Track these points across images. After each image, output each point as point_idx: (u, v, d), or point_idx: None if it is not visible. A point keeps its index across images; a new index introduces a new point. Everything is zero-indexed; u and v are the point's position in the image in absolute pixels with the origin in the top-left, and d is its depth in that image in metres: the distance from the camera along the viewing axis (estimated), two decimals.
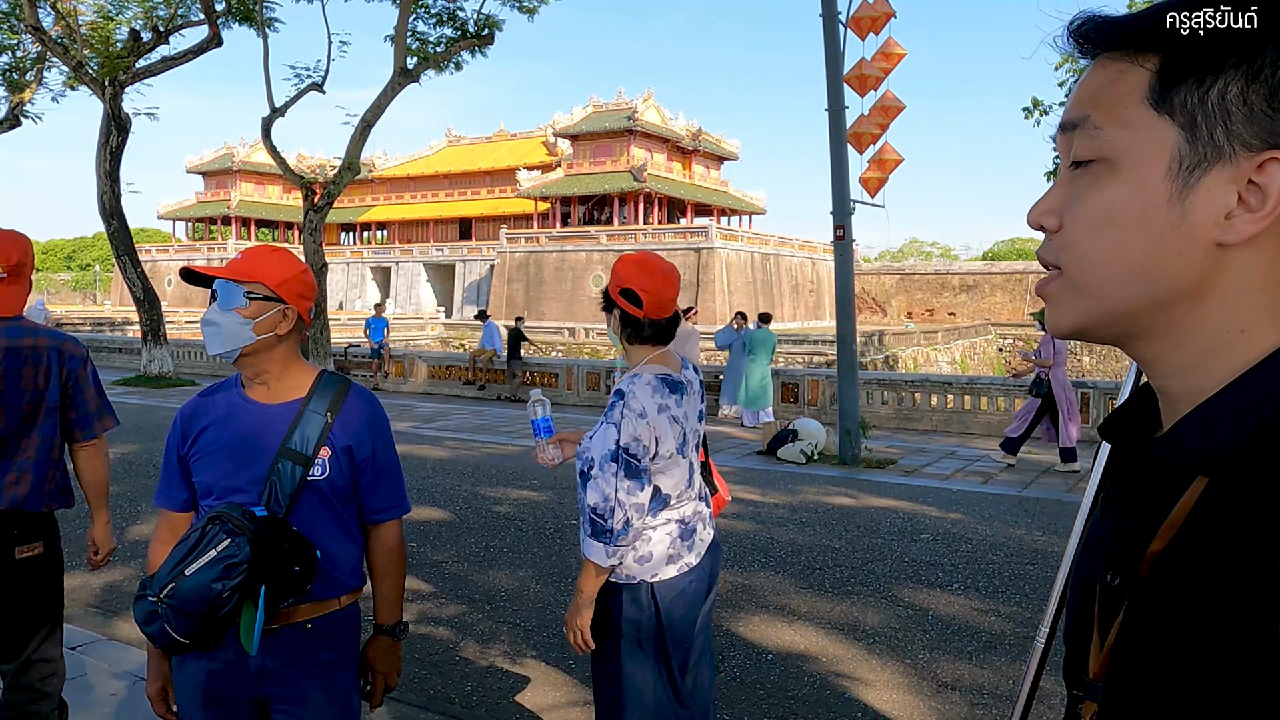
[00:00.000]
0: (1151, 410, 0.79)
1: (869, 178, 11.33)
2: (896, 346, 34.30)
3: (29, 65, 21.49)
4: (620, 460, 2.42)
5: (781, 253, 52.14)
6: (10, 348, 2.73)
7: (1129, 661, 0.67)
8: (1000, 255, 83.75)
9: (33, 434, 2.79)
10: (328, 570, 2.11)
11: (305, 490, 2.07)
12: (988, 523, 7.60)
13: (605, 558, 2.44)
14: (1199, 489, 0.65)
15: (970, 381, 14.98)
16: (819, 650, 4.72)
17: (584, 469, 2.52)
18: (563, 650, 4.65)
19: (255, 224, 69.04)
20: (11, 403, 2.73)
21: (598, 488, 2.44)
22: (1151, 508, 0.69)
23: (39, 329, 2.83)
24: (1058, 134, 0.73)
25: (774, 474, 9.97)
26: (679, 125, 55.99)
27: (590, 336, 39.99)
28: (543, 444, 2.78)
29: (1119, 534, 0.72)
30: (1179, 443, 0.67)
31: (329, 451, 2.11)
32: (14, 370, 2.73)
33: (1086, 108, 0.69)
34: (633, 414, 2.45)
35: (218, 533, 1.92)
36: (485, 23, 18.90)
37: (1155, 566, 0.66)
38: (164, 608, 1.91)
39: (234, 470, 2.06)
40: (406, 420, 14.39)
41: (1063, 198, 0.71)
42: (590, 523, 2.45)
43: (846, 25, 10.81)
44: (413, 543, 6.59)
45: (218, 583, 1.88)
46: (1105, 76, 0.69)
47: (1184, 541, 0.65)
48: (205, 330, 2.06)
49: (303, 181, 18.28)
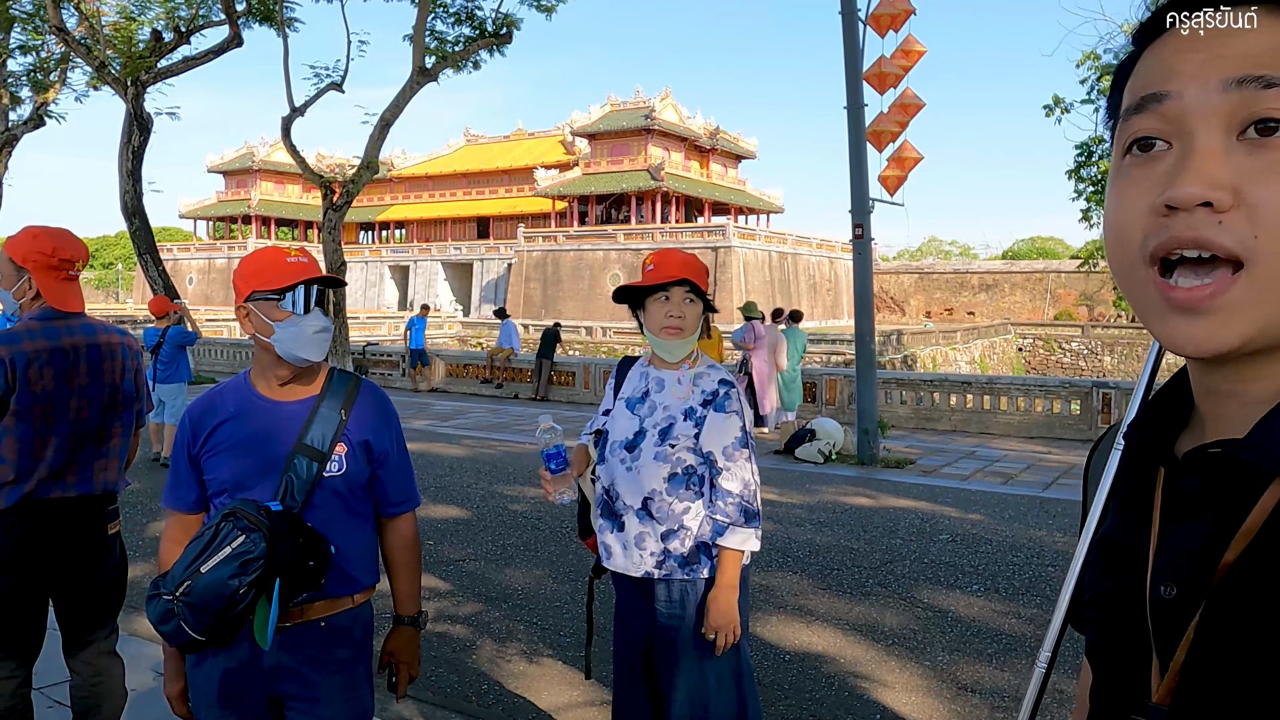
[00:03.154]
0: (1171, 416, 0.74)
1: (888, 176, 11.26)
2: (915, 346, 34.12)
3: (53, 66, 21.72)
4: (749, 444, 2.58)
5: (799, 251, 51.98)
6: (90, 344, 2.92)
7: (1206, 681, 0.62)
8: (1020, 254, 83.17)
9: (114, 423, 3.01)
10: (342, 567, 2.11)
11: (320, 487, 2.08)
12: (1008, 524, 7.53)
13: (757, 541, 2.56)
14: (1277, 493, 0.61)
15: (990, 381, 14.88)
16: (837, 651, 4.69)
17: (690, 466, 2.56)
18: (579, 650, 4.65)
19: (275, 223, 69.53)
20: (95, 396, 2.93)
21: (736, 475, 2.54)
22: (1219, 515, 0.64)
23: (108, 326, 3.05)
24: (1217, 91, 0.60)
25: (792, 474, 9.93)
26: (696, 124, 55.92)
27: (608, 335, 40.03)
28: (556, 479, 2.62)
29: (1174, 544, 0.67)
30: (1259, 444, 0.62)
31: (344, 448, 2.13)
32: (97, 365, 2.93)
33: (1274, 65, 0.59)
34: (744, 402, 2.61)
35: (232, 529, 1.92)
36: (503, 21, 18.93)
37: (1229, 577, 0.61)
38: (180, 605, 1.91)
39: (249, 467, 2.07)
40: (424, 418, 14.45)
41: (1235, 170, 0.59)
42: (741, 511, 2.52)
43: (866, 23, 10.75)
44: (430, 540, 6.61)
45: (234, 579, 1.88)
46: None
47: (1263, 549, 0.60)
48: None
49: (322, 180, 18.38)
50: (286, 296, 2.03)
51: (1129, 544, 0.73)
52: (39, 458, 2.81)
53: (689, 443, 2.55)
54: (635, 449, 2.61)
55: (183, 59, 18.92)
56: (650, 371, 2.71)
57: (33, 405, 2.78)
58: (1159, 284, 0.63)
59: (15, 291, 2.88)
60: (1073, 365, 44.02)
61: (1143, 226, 0.63)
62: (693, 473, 2.56)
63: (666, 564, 2.58)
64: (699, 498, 2.57)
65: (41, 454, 2.81)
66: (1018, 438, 13.52)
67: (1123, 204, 0.66)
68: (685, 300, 2.59)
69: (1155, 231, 0.62)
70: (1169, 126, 0.63)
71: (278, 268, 2.05)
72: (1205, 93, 0.61)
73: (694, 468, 2.56)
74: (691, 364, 2.65)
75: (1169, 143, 0.63)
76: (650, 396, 2.66)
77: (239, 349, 24.18)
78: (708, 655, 2.55)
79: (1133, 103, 0.66)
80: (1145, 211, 0.63)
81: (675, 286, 2.59)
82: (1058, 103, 16.99)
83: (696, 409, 2.56)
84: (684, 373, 2.63)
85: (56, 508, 2.88)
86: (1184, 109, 0.62)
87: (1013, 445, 12.70)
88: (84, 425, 2.90)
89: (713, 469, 2.55)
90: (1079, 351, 44.44)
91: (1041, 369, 44.58)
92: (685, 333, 2.60)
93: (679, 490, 2.55)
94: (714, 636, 2.50)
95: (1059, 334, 46.16)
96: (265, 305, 2.04)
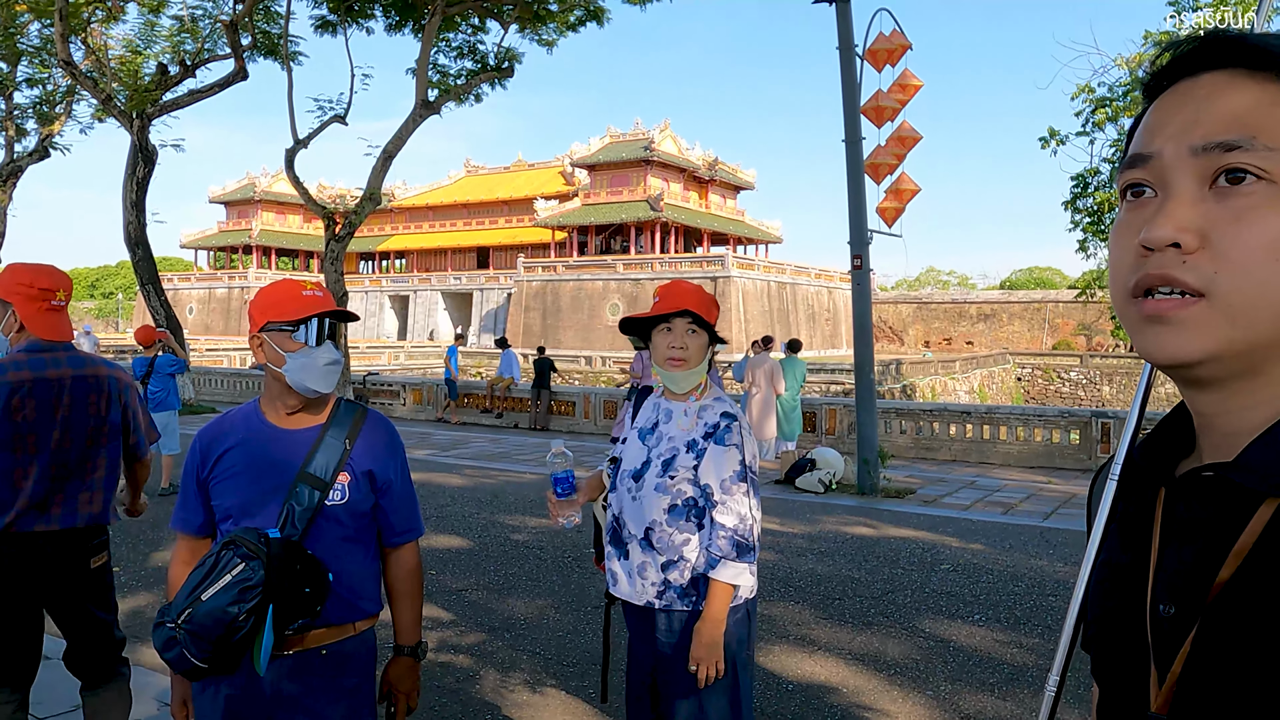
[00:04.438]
0: (1173, 442, 0.79)
1: (886, 208, 11.37)
2: (914, 375, 34.17)
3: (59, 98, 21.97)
4: (749, 479, 2.56)
5: (798, 281, 52.19)
6: (77, 376, 2.96)
7: (1199, 693, 0.66)
8: (1018, 284, 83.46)
9: (100, 455, 3.03)
10: (344, 595, 2.13)
11: (322, 515, 2.12)
12: (1008, 553, 7.54)
13: (750, 576, 2.54)
14: (1268, 513, 0.65)
15: (989, 411, 14.91)
16: (840, 681, 4.70)
17: (691, 499, 2.56)
18: (583, 679, 4.65)
19: (276, 253, 69.84)
20: (80, 427, 2.95)
21: (731, 509, 2.52)
22: (1212, 535, 0.68)
23: (95, 359, 3.08)
24: (1188, 154, 0.68)
25: (793, 503, 9.94)
26: (695, 155, 56.37)
27: (607, 365, 40.07)
28: (564, 503, 2.72)
29: (1170, 564, 0.71)
30: (1249, 465, 0.66)
31: (348, 477, 2.16)
32: (82, 397, 2.96)
33: (1247, 129, 0.66)
34: (747, 434, 2.60)
35: (232, 557, 1.95)
36: (505, 56, 19.20)
37: (1223, 595, 0.65)
38: (181, 633, 1.94)
39: (254, 493, 2.10)
40: (425, 448, 14.45)
41: (1202, 216, 0.67)
42: (734, 545, 2.50)
43: (863, 58, 10.92)
44: (432, 570, 6.61)
45: (234, 606, 1.91)
46: (1259, 97, 0.67)
47: (1255, 567, 0.64)
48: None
49: (325, 211, 18.52)
50: (300, 328, 2.08)
51: (1129, 564, 0.77)
52: (18, 488, 2.83)
53: (689, 474, 2.56)
54: (641, 479, 2.63)
55: (188, 92, 19.15)
56: (661, 402, 2.74)
57: (13, 434, 2.81)
58: (1140, 305, 0.70)
59: (4, 326, 2.92)
60: (1071, 395, 44.06)
61: (1129, 264, 0.71)
62: (693, 504, 2.57)
63: (667, 594, 2.59)
64: (699, 530, 2.57)
65: (21, 484, 2.83)
66: (1018, 467, 13.53)
67: (1117, 244, 0.73)
68: (688, 331, 2.61)
69: (1136, 268, 0.70)
70: (1154, 177, 0.71)
71: (294, 300, 2.11)
72: (1179, 154, 0.69)
73: (694, 499, 2.57)
74: (699, 396, 2.66)
75: (1155, 191, 0.71)
76: (659, 427, 2.68)
77: (239, 378, 24.20)
78: (707, 687, 2.55)
79: (1126, 158, 0.74)
80: (1131, 250, 0.71)
81: (678, 318, 2.62)
82: (1053, 135, 17.17)
83: (698, 441, 2.57)
84: (690, 404, 2.65)
85: (40, 540, 2.89)
86: (1164, 165, 0.70)
87: (1013, 475, 12.71)
88: (66, 456, 2.92)
89: (709, 502, 2.55)
90: (1078, 381, 44.51)
91: (1040, 398, 44.61)
92: (689, 364, 2.61)
93: (679, 522, 2.56)
94: (696, 669, 2.49)
95: (1057, 364, 46.24)
96: (279, 336, 2.08)
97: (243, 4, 17.47)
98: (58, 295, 2.94)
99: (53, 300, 2.93)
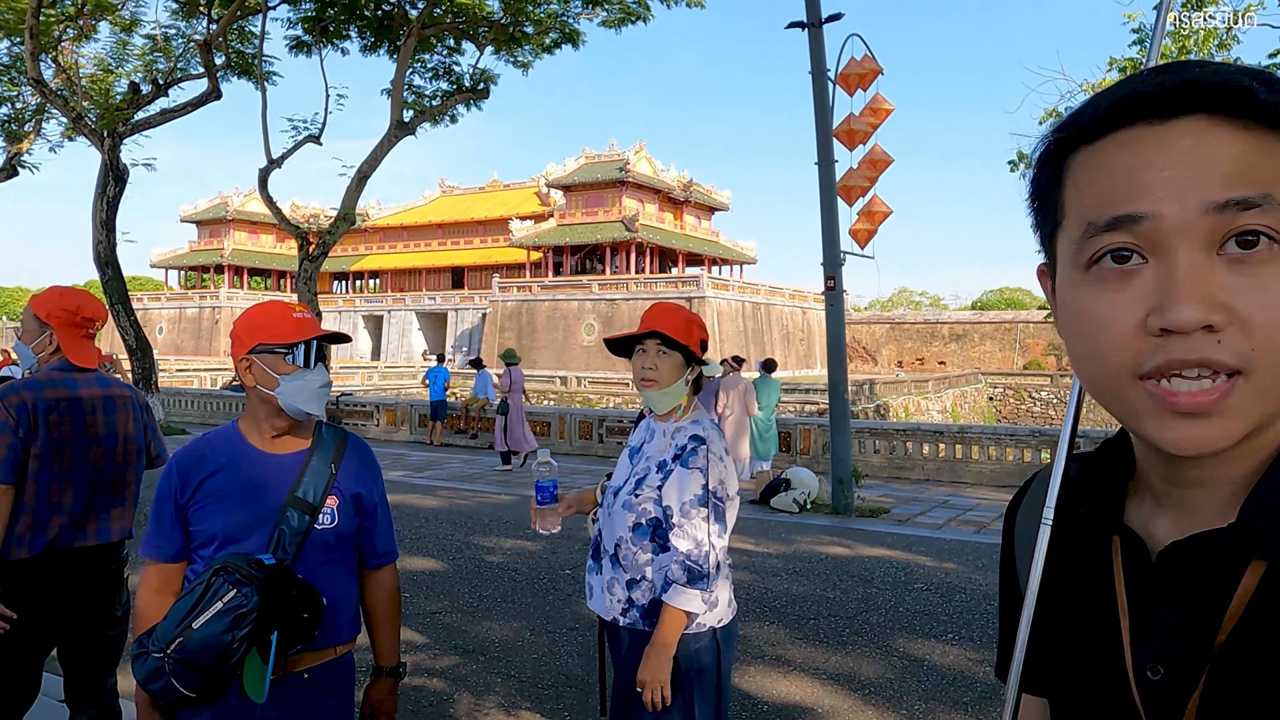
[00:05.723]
0: (1113, 481, 0.76)
1: (858, 229, 11.50)
2: (888, 395, 34.41)
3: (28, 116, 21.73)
4: (710, 504, 2.51)
5: (773, 302, 52.48)
6: (106, 396, 3.09)
7: None
8: (989, 305, 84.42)
9: (128, 472, 3.15)
10: (329, 619, 2.13)
11: (311, 539, 2.11)
12: (981, 572, 7.60)
13: (701, 604, 2.48)
14: (1257, 573, 0.63)
15: (961, 430, 15.05)
16: (815, 701, 4.70)
17: (655, 518, 2.54)
18: (558, 702, 4.63)
19: (248, 273, 69.24)
20: (110, 445, 3.07)
21: (687, 534, 2.48)
22: (1197, 597, 0.66)
23: (117, 380, 3.20)
24: (1196, 214, 0.60)
25: (767, 523, 9.96)
26: (670, 176, 56.69)
27: (582, 385, 40.01)
28: (545, 511, 2.75)
29: (1154, 626, 0.69)
30: (1241, 530, 0.65)
31: (336, 500, 2.16)
32: (111, 416, 3.08)
33: (1259, 185, 0.59)
34: (715, 458, 2.55)
35: (223, 584, 1.92)
36: (480, 77, 19.23)
37: (1221, 657, 0.64)
38: (171, 663, 1.90)
39: (241, 519, 2.07)
40: (399, 469, 14.34)
41: (1222, 288, 0.60)
42: (685, 570, 2.46)
43: (835, 82, 11.07)
44: (406, 593, 6.55)
45: (227, 634, 1.89)
46: (1252, 147, 0.60)
47: (1250, 630, 0.63)
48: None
49: (298, 232, 18.42)
50: (293, 351, 2.08)
51: (1093, 622, 0.74)
52: (56, 503, 2.92)
53: (653, 494, 2.55)
54: (618, 495, 2.66)
55: (160, 111, 19.00)
56: (650, 423, 2.76)
57: (52, 451, 2.90)
58: (1159, 393, 0.62)
59: (35, 345, 3.05)
60: (1042, 414, 44.53)
61: (1133, 346, 0.63)
62: (656, 524, 2.55)
63: (630, 612, 2.58)
64: (662, 551, 2.56)
65: (59, 500, 2.92)
66: (990, 486, 13.65)
67: (1102, 321, 0.65)
68: (658, 352, 2.63)
69: (1152, 353, 0.62)
70: (1145, 243, 0.62)
71: (286, 322, 2.11)
72: (1185, 213, 0.61)
73: (657, 519, 2.56)
74: (679, 417, 2.67)
75: (1145, 257, 0.63)
76: (644, 446, 2.70)
77: (209, 399, 23.93)
78: (659, 712, 2.52)
79: (1101, 221, 0.64)
80: (1134, 331, 0.63)
81: (648, 339, 2.64)
82: (1022, 158, 17.42)
83: (667, 462, 2.57)
84: (669, 425, 2.66)
85: (78, 556, 3.00)
86: (1164, 229, 0.61)
87: (985, 494, 12.81)
88: (100, 474, 3.03)
89: (669, 524, 2.53)
90: (1048, 400, 45.01)
91: (1012, 418, 45.05)
92: (660, 384, 2.61)
93: (642, 540, 2.56)
94: (640, 690, 2.47)
95: (1028, 383, 46.74)
96: (271, 359, 2.07)
97: (216, 24, 17.42)
98: (96, 325, 3.09)
99: (90, 329, 3.08)
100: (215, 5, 17.47)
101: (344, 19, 18.31)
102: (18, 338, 3.14)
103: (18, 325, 3.24)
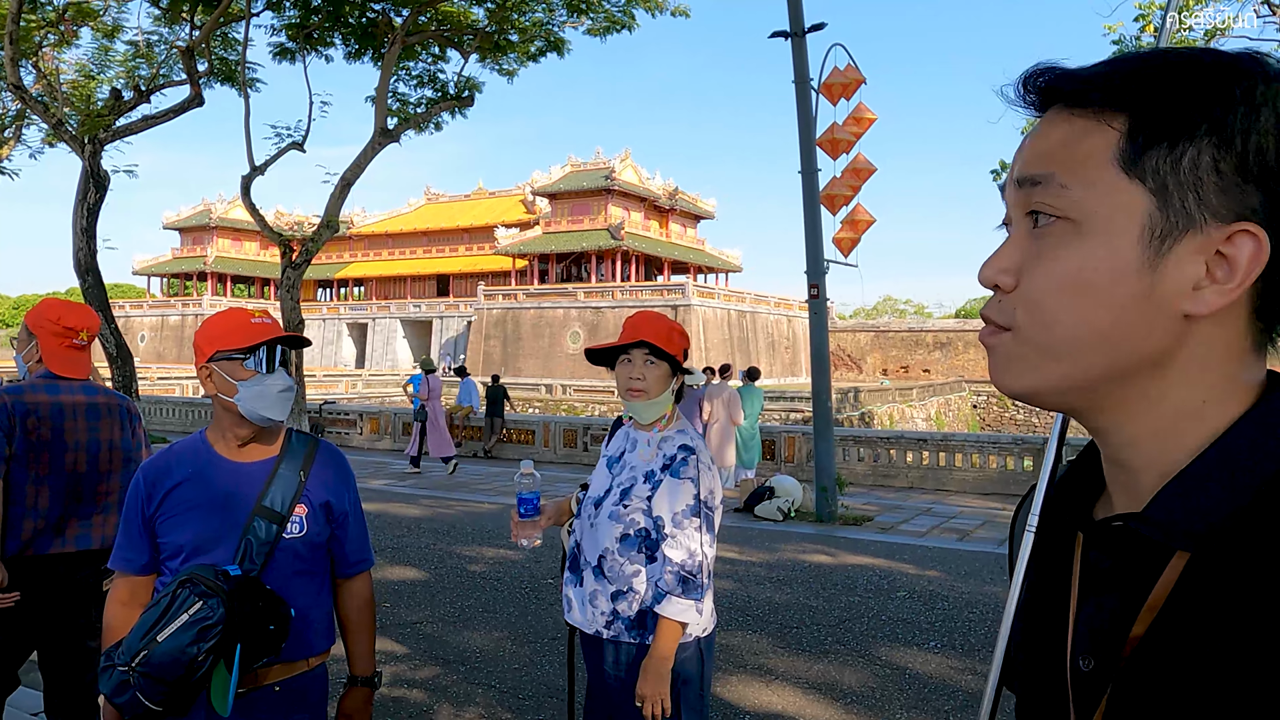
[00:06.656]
0: (1087, 481, 0.76)
1: (842, 238, 11.53)
2: (872, 403, 34.50)
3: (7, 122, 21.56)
4: (701, 514, 2.50)
5: (758, 310, 52.60)
6: (89, 403, 3.12)
7: None
8: (973, 313, 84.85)
9: (113, 479, 3.16)
10: (299, 630, 2.10)
11: (280, 549, 2.08)
12: (964, 580, 7.61)
13: (697, 614, 2.47)
14: (1179, 566, 0.62)
15: (945, 438, 15.10)
16: (797, 710, 4.69)
17: (644, 529, 2.52)
18: (538, 713, 4.59)
19: (231, 280, 68.87)
20: (93, 451, 3.10)
21: (681, 544, 2.47)
22: (1126, 588, 0.66)
23: (106, 389, 3.24)
24: (1009, 189, 0.69)
25: (751, 531, 9.95)
26: (656, 185, 56.78)
27: (567, 393, 39.94)
28: (525, 524, 2.69)
29: (1089, 617, 0.69)
30: (1155, 518, 0.64)
31: (305, 509, 2.13)
32: (94, 423, 3.11)
33: (1049, 164, 0.65)
34: (705, 467, 2.55)
35: (189, 596, 1.90)
36: (465, 85, 19.21)
37: (1137, 652, 0.63)
38: (136, 676, 1.87)
39: (208, 529, 2.05)
40: (381, 477, 14.27)
41: (1019, 256, 0.67)
42: (680, 581, 2.45)
43: (819, 91, 11.12)
44: (386, 603, 6.51)
45: (192, 646, 1.86)
46: (1067, 132, 0.65)
47: (1168, 623, 0.62)
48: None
49: (281, 239, 18.32)
50: (251, 356, 2.06)
51: (1049, 612, 0.75)
52: (31, 507, 2.94)
53: (642, 505, 2.53)
54: (600, 506, 2.63)
55: (142, 118, 18.87)
56: (630, 432, 2.73)
57: (29, 453, 2.94)
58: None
59: (25, 355, 3.13)
60: (1026, 422, 44.75)
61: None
62: (645, 535, 2.54)
63: (615, 625, 2.56)
64: (651, 562, 2.54)
65: (34, 503, 2.95)
66: (973, 494, 13.70)
67: None
68: (646, 362, 2.61)
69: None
70: (1007, 214, 0.72)
71: (243, 328, 2.08)
72: (1009, 190, 0.70)
73: (646, 530, 2.54)
74: (662, 427, 2.65)
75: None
76: (625, 456, 2.67)
77: (190, 407, 23.75)
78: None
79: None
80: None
81: (635, 349, 2.61)
82: (1004, 168, 17.58)
83: (656, 472, 2.55)
84: (653, 434, 2.64)
85: (55, 563, 3.01)
86: (1008, 202, 0.71)
87: (968, 501, 12.86)
88: (80, 479, 3.05)
89: (660, 534, 2.51)
90: (1032, 408, 45.26)
91: (996, 425, 45.27)
92: (648, 394, 2.60)
93: (630, 552, 2.54)
94: (641, 705, 2.46)
95: None
96: (229, 365, 2.05)
97: (199, 30, 17.34)
98: (80, 335, 3.12)
99: (74, 339, 3.11)
100: (198, 11, 17.40)
101: (328, 26, 18.27)
102: (14, 348, 3.24)
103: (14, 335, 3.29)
